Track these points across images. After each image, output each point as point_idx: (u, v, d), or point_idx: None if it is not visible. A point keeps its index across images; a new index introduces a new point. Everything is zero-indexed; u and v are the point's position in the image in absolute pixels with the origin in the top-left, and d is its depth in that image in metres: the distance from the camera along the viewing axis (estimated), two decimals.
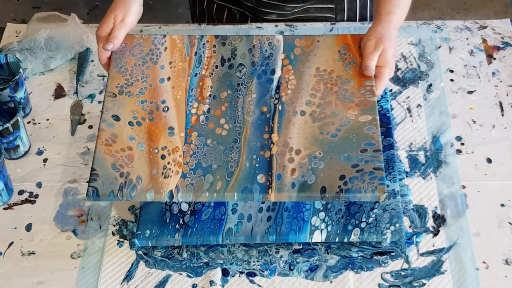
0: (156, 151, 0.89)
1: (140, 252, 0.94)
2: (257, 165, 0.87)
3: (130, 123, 0.91)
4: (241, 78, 0.96)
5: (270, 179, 0.86)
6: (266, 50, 0.99)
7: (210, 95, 0.94)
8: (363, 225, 0.90)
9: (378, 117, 0.90)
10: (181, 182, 0.86)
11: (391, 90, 1.12)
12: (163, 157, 0.88)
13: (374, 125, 0.89)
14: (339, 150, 0.88)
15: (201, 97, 0.94)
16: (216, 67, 0.98)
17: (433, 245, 0.94)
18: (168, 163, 0.87)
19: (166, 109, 0.93)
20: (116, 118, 0.91)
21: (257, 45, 1.00)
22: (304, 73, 0.96)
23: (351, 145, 0.88)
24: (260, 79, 0.96)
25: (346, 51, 0.98)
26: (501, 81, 1.13)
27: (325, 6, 1.23)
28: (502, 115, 1.08)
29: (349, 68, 0.96)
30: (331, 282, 0.91)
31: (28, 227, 0.98)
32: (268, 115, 0.92)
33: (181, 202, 0.93)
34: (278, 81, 0.96)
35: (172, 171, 0.87)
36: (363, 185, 0.84)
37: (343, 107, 0.92)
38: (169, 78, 0.96)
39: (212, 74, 0.97)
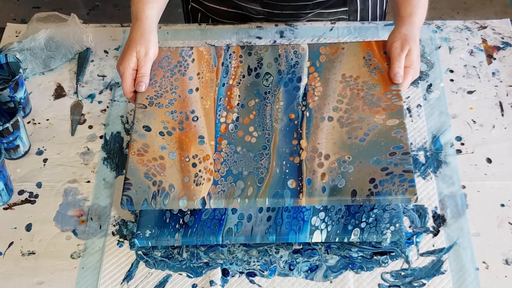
0: (187, 159, 0.90)
1: (140, 252, 0.94)
2: (287, 170, 0.88)
3: (161, 133, 0.92)
4: (268, 86, 0.98)
5: (300, 184, 0.87)
6: (292, 59, 1.01)
7: (238, 104, 0.96)
8: (363, 225, 0.90)
9: (405, 121, 0.91)
10: (213, 189, 0.87)
11: None
12: (194, 165, 0.89)
13: (402, 128, 0.91)
14: (368, 154, 0.88)
15: (230, 106, 0.96)
16: (243, 76, 0.99)
17: (433, 245, 0.94)
18: (200, 171, 0.88)
19: (195, 119, 0.94)
20: (147, 128, 0.93)
21: (283, 54, 1.01)
22: (330, 80, 0.97)
23: (379, 149, 0.89)
24: (286, 87, 0.97)
25: (371, 57, 1.00)
26: (501, 81, 1.13)
27: (338, 9, 1.23)
28: (502, 115, 1.08)
29: (374, 74, 0.97)
30: (331, 282, 0.91)
31: (28, 227, 0.98)
32: (296, 122, 0.93)
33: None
34: (305, 89, 0.97)
35: (204, 179, 0.88)
36: (394, 187, 0.85)
37: (370, 111, 0.93)
38: (197, 89, 0.98)
39: (239, 83, 0.98)
